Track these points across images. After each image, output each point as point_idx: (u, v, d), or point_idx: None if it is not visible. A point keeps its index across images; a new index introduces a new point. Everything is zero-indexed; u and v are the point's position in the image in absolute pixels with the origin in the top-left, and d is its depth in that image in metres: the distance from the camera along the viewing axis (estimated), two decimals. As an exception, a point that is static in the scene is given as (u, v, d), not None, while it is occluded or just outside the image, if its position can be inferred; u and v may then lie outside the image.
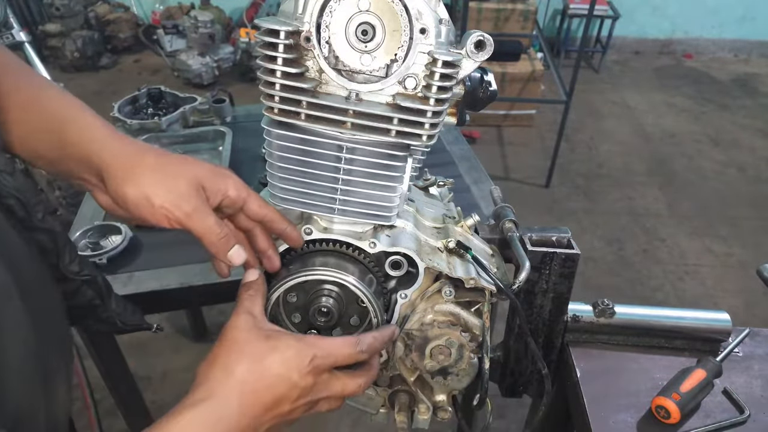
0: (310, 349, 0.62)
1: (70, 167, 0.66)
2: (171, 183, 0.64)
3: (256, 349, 0.61)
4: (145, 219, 0.64)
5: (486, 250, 0.90)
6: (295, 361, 0.61)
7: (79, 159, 0.64)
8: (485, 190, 1.69)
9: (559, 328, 0.94)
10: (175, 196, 0.63)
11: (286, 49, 0.62)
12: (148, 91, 2.01)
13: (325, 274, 0.72)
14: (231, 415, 0.57)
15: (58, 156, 0.65)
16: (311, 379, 0.62)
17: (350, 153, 0.69)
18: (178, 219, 0.63)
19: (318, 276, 0.72)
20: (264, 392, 0.59)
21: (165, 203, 0.62)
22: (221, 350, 0.61)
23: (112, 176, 0.63)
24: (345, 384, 0.67)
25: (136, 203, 0.63)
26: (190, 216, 0.63)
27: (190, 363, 2.48)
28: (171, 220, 0.63)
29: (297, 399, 0.62)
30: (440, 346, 0.82)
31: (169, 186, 0.63)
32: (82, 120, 0.67)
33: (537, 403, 1.04)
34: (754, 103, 5.05)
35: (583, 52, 3.49)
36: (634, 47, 6.04)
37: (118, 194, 0.63)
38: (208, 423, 0.56)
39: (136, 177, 0.63)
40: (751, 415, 0.85)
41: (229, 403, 0.57)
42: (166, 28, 5.18)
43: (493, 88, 0.75)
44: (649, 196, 3.77)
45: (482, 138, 4.33)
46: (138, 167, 0.64)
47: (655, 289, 3.02)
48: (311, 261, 0.74)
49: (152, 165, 0.65)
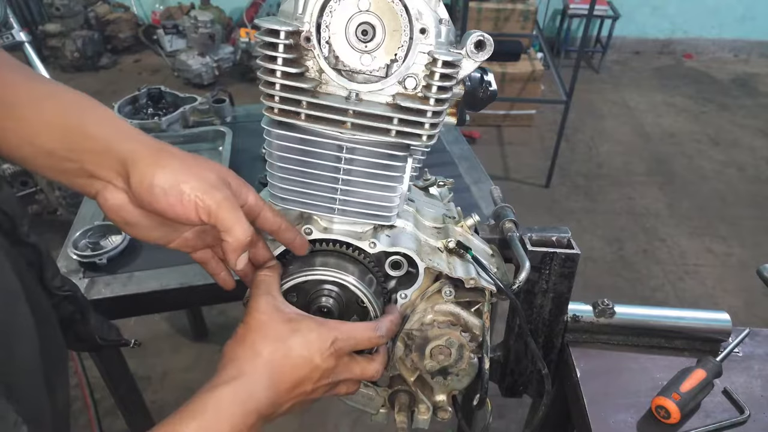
0: (331, 332, 0.64)
1: (85, 162, 0.62)
2: (201, 173, 0.62)
3: (280, 332, 0.62)
4: (170, 210, 0.60)
5: (486, 250, 0.90)
6: (317, 343, 0.63)
7: (99, 151, 0.61)
8: (485, 190, 1.69)
9: (559, 328, 0.94)
10: (207, 185, 0.61)
11: (286, 49, 0.62)
12: (148, 91, 2.01)
13: (325, 274, 0.72)
14: (260, 392, 0.60)
15: (72, 151, 0.62)
16: (332, 362, 0.64)
17: (350, 153, 0.69)
18: (209, 208, 0.60)
19: (318, 276, 0.72)
20: (289, 372, 0.62)
21: (197, 190, 0.60)
22: (248, 332, 0.62)
23: (139, 164, 0.60)
24: (364, 367, 0.70)
25: (166, 190, 0.59)
26: (221, 205, 0.60)
27: (190, 363, 2.48)
28: (200, 210, 0.60)
29: (319, 380, 0.64)
30: (440, 346, 0.82)
31: (199, 175, 0.61)
32: (102, 112, 0.65)
33: (537, 403, 1.04)
34: (754, 103, 5.05)
35: (583, 52, 3.49)
36: (634, 47, 6.05)
37: (143, 182, 0.60)
38: (240, 399, 0.58)
39: (167, 163, 0.61)
40: (751, 415, 0.85)
41: (259, 380, 0.60)
42: (166, 28, 5.18)
43: (493, 88, 0.75)
44: (649, 196, 3.78)
45: (482, 138, 4.33)
46: (167, 154, 0.62)
47: (655, 289, 3.02)
48: (311, 261, 0.74)
49: (180, 155, 0.63)
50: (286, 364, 0.62)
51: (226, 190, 0.63)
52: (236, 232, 0.61)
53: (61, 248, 1.39)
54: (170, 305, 1.78)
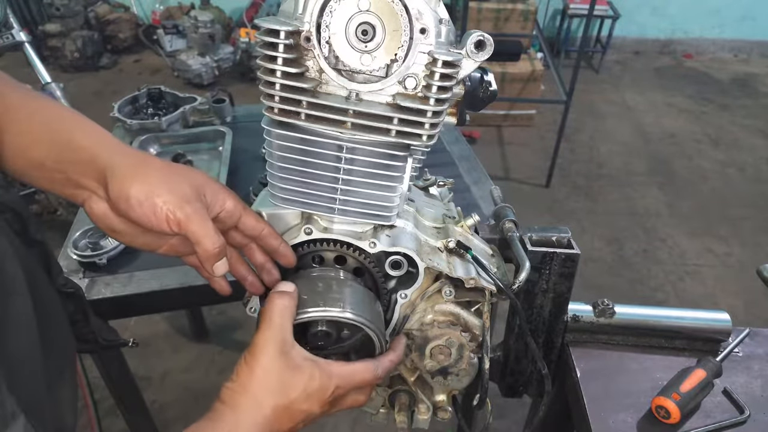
0: (333, 381, 0.66)
1: (71, 173, 0.66)
2: (175, 185, 0.64)
3: (284, 383, 0.63)
4: (145, 220, 0.63)
5: (486, 250, 0.90)
6: (318, 394, 0.65)
7: (85, 162, 0.65)
8: (485, 190, 1.69)
9: (559, 328, 0.94)
10: (178, 197, 0.63)
11: (286, 49, 0.62)
12: (148, 91, 2.02)
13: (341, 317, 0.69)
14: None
15: (59, 162, 0.65)
16: (329, 406, 0.68)
17: (350, 153, 0.69)
18: (179, 220, 0.63)
19: (334, 317, 0.69)
20: (287, 421, 0.64)
21: (169, 203, 0.63)
22: (251, 380, 0.63)
23: (118, 174, 0.63)
24: (356, 400, 0.72)
25: (141, 201, 0.63)
26: (190, 218, 0.63)
27: (190, 363, 2.47)
28: (171, 222, 0.63)
29: (312, 420, 0.67)
30: (440, 346, 0.82)
31: (173, 187, 0.64)
32: (89, 126, 0.68)
33: (537, 403, 1.04)
34: (754, 103, 5.05)
35: (583, 52, 3.49)
36: (634, 47, 6.05)
37: (121, 193, 0.63)
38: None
39: (143, 175, 0.64)
40: (751, 415, 0.85)
41: (256, 430, 0.62)
42: (166, 28, 5.18)
43: (493, 88, 0.75)
44: (649, 196, 3.78)
45: (482, 138, 4.33)
46: (144, 167, 0.65)
47: (655, 289, 3.02)
48: (327, 295, 0.71)
49: (158, 167, 0.66)
50: (285, 415, 0.63)
51: (198, 203, 0.65)
52: (205, 243, 0.64)
53: (61, 248, 1.39)
54: (170, 305, 1.78)
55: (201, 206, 0.65)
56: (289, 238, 0.75)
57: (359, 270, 0.78)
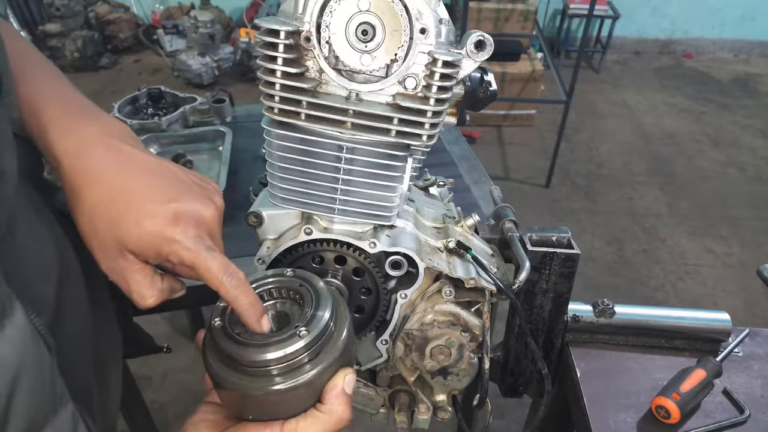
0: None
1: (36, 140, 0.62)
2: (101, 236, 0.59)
3: None
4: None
5: (486, 250, 0.90)
6: None
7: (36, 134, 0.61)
8: (485, 190, 1.69)
9: (559, 328, 0.94)
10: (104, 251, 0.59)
11: (286, 49, 0.62)
12: (148, 91, 2.01)
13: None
14: None
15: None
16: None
17: (350, 153, 0.69)
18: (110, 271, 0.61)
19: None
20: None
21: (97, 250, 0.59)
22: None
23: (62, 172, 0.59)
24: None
25: (82, 232, 0.60)
26: (115, 276, 0.61)
27: (190, 363, 2.47)
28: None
29: None
30: (440, 346, 0.82)
31: (100, 239, 0.59)
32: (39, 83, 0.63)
33: (537, 403, 1.04)
34: (754, 103, 5.05)
35: (583, 52, 3.49)
36: (634, 47, 6.05)
37: (66, 207, 0.61)
38: None
39: (78, 207, 0.59)
40: (751, 415, 0.85)
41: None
42: (166, 28, 5.18)
43: (493, 88, 0.75)
44: (649, 196, 3.77)
45: (482, 138, 4.33)
46: (77, 199, 0.59)
47: (655, 289, 3.02)
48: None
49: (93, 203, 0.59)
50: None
51: (121, 259, 0.60)
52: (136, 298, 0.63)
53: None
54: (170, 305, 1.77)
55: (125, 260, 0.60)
56: (289, 238, 0.75)
57: (359, 270, 0.78)
